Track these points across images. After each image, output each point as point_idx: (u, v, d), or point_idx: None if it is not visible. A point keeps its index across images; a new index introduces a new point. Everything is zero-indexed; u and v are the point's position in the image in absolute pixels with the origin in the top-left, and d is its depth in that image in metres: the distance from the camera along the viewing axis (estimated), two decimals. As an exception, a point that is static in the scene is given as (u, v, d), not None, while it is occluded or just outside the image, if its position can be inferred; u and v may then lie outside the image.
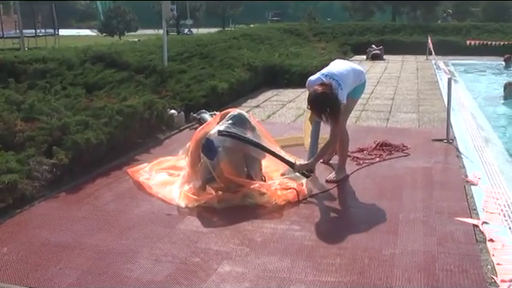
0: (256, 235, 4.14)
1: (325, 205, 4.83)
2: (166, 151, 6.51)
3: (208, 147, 4.82)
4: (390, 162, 6.12)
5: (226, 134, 4.83)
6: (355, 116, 8.82)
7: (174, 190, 5.05)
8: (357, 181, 5.43)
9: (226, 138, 4.82)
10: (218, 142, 4.79)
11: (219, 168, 4.78)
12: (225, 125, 4.92)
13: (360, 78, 5.28)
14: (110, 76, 8.44)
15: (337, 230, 4.22)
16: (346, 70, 5.16)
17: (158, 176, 5.47)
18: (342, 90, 4.90)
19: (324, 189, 5.18)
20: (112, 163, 6.06)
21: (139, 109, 6.94)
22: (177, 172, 5.48)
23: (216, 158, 4.77)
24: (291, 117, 8.83)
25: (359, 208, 4.71)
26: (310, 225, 4.36)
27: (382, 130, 7.73)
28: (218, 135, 4.82)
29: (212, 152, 4.79)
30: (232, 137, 4.83)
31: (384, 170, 5.78)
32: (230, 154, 4.82)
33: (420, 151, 6.47)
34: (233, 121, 4.97)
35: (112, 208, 4.77)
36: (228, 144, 4.81)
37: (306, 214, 4.61)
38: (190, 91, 9.04)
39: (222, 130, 4.86)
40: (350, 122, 8.33)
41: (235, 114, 5.04)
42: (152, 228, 4.30)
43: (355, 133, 7.52)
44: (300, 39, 19.86)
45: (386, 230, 4.18)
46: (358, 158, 6.17)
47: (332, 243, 3.97)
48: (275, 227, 4.29)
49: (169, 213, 4.63)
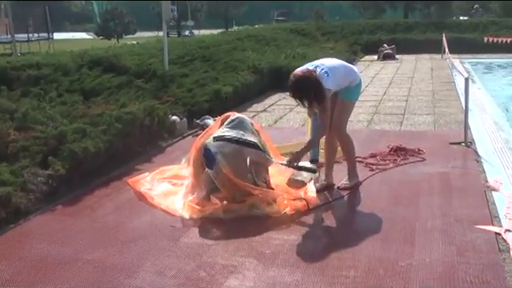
0: (264, 247, 4.14)
1: (337, 213, 4.82)
2: (168, 160, 6.52)
3: (206, 156, 4.84)
4: (404, 167, 6.11)
5: (221, 138, 4.84)
6: (367, 120, 8.82)
7: (177, 200, 5.05)
8: (370, 188, 5.43)
9: (222, 143, 4.82)
10: (214, 149, 4.80)
11: (221, 176, 4.79)
12: (221, 130, 4.94)
13: (352, 76, 5.22)
14: (107, 81, 8.48)
15: (350, 240, 4.21)
16: (337, 64, 5.18)
17: (160, 186, 5.48)
18: (329, 76, 4.89)
19: (335, 196, 5.19)
20: (111, 173, 6.07)
21: (139, 115, 6.96)
22: (180, 181, 5.48)
23: (215, 166, 4.78)
24: (299, 121, 8.83)
25: (373, 216, 4.70)
26: (321, 235, 4.36)
27: (395, 134, 7.72)
28: (214, 141, 4.84)
29: (211, 161, 4.80)
30: (228, 141, 4.84)
31: (399, 176, 5.77)
32: (231, 160, 4.80)
33: (436, 155, 6.45)
34: (231, 125, 4.98)
35: (112, 220, 4.77)
36: (226, 150, 4.81)
37: (317, 223, 4.61)
38: (193, 96, 9.08)
39: (216, 135, 4.87)
40: (362, 126, 8.41)
41: (233, 118, 5.06)
42: (155, 241, 4.30)
43: (367, 137, 7.54)
44: (307, 39, 19.91)
45: (402, 240, 4.17)
46: (371, 164, 6.16)
47: (345, 254, 3.96)
48: (285, 238, 4.29)
49: (172, 225, 4.63)
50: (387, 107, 9.93)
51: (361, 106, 10.16)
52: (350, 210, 4.92)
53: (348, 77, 5.17)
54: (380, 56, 19.32)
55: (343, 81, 5.12)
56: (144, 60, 10.17)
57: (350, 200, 5.15)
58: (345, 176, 5.53)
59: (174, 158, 6.44)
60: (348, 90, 5.20)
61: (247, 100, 10.78)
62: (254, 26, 23.75)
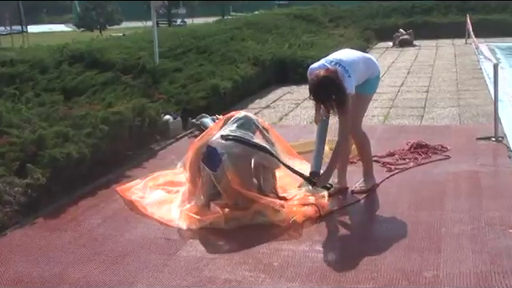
0: (272, 259, 4.14)
1: (352, 220, 4.82)
2: (161, 164, 6.53)
3: (210, 156, 4.84)
4: (427, 166, 6.10)
5: (231, 138, 4.84)
6: (382, 114, 8.82)
7: (173, 209, 5.05)
8: (389, 190, 5.42)
9: (230, 143, 4.83)
10: (221, 149, 4.80)
11: (225, 180, 4.79)
12: (229, 128, 4.95)
13: (372, 69, 5.21)
14: (91, 78, 8.49)
15: (368, 249, 4.21)
16: (357, 57, 5.14)
17: (154, 194, 5.48)
18: (350, 77, 4.84)
19: (350, 201, 5.18)
20: (98, 181, 6.08)
21: (128, 116, 6.97)
22: (175, 188, 5.48)
23: (220, 167, 4.78)
24: (307, 118, 8.83)
25: (393, 222, 4.70)
26: (335, 244, 4.36)
27: (415, 130, 7.71)
28: (222, 140, 4.84)
29: (215, 161, 4.80)
30: (238, 141, 4.84)
31: (420, 177, 5.77)
32: (237, 162, 4.82)
33: (463, 152, 6.45)
34: (238, 124, 4.99)
35: (100, 234, 4.77)
36: (234, 150, 4.82)
37: (330, 232, 4.61)
38: (187, 93, 9.08)
39: (225, 134, 4.88)
40: (377, 122, 8.41)
41: (240, 117, 5.06)
42: (148, 256, 4.30)
43: (383, 134, 7.54)
44: (313, 26, 19.90)
45: (426, 248, 4.16)
46: (389, 164, 6.16)
47: (363, 265, 3.95)
48: (294, 249, 4.29)
49: (168, 237, 4.63)
50: (405, 99, 9.92)
51: (376, 98, 10.09)
52: (366, 216, 4.92)
53: (368, 70, 5.14)
54: (396, 42, 19.31)
55: (363, 75, 5.10)
56: (132, 54, 10.18)
57: (366, 205, 5.15)
58: (360, 178, 5.52)
59: (169, 163, 6.44)
60: (366, 83, 5.17)
61: (248, 96, 10.78)
62: (254, 13, 23.77)
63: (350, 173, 5.57)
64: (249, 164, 4.93)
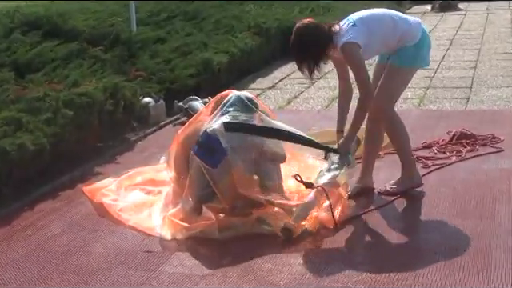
0: (278, 277, 4.14)
1: (378, 230, 4.82)
2: (139, 159, 6.53)
3: (210, 148, 4.85)
4: (473, 161, 6.11)
5: (235, 126, 4.88)
6: (417, 96, 8.81)
7: (155, 214, 5.07)
8: (425, 190, 5.41)
9: (237, 134, 4.86)
10: (226, 141, 4.82)
11: (227, 180, 4.82)
12: (229, 114, 4.96)
13: (408, 29, 5.12)
14: (50, 51, 8.48)
15: (398, 265, 4.20)
16: (379, 12, 5.17)
17: (130, 196, 5.50)
18: (356, 26, 4.95)
19: (376, 204, 5.19)
20: (60, 179, 6.10)
21: (98, 98, 6.97)
22: (157, 189, 5.49)
23: (223, 164, 4.79)
24: (322, 101, 8.82)
25: (430, 232, 4.69)
26: (357, 259, 4.35)
27: (459, 115, 7.71)
28: (226, 130, 4.85)
29: (216, 156, 4.82)
30: (245, 130, 4.89)
31: (465, 175, 5.77)
32: (244, 158, 4.86)
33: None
34: (234, 107, 5.01)
35: (63, 244, 4.78)
36: (240, 143, 4.86)
37: (351, 243, 4.61)
38: (172, 69, 9.08)
39: (228, 121, 4.90)
40: (411, 106, 8.39)
41: (234, 98, 5.09)
42: (124, 272, 4.31)
43: (419, 121, 7.53)
44: (331, -15, 19.82)
45: (472, 264, 4.16)
46: (425, 159, 6.15)
47: (393, 285, 3.95)
48: (306, 264, 4.29)
49: (148, 249, 4.64)
50: (447, 78, 9.89)
51: (410, 77, 10.13)
52: (396, 224, 4.90)
53: (398, 30, 5.08)
54: (436, 6, 19.26)
55: (390, 36, 5.08)
56: (102, 20, 10.16)
57: (395, 210, 5.14)
58: (387, 175, 5.54)
59: (149, 157, 6.43)
60: (401, 51, 5.13)
61: (248, 73, 10.78)
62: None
63: (375, 169, 5.56)
64: (252, 158, 4.96)
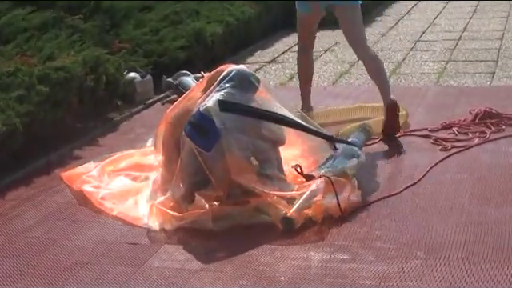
0: (278, 271, 4.15)
1: (390, 219, 4.83)
2: (124, 141, 6.55)
3: (203, 129, 4.85)
4: (498, 144, 6.12)
5: (232, 106, 4.88)
6: (436, 71, 8.81)
7: (141, 203, 5.09)
8: (443, 177, 5.44)
9: (233, 115, 4.87)
10: (220, 121, 4.82)
11: (221, 165, 4.82)
12: (224, 91, 4.96)
13: None
14: (22, 19, 8.39)
15: (412, 258, 4.21)
16: None
17: (114, 182, 5.51)
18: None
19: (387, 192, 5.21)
20: (35, 164, 6.11)
21: (77, 72, 6.94)
22: (144, 174, 5.52)
23: (217, 147, 4.79)
24: (329, 76, 8.83)
25: (448, 222, 4.70)
26: (367, 252, 4.36)
27: (483, 92, 7.72)
28: (221, 110, 4.86)
29: (210, 137, 4.82)
30: (242, 111, 4.90)
31: (489, 158, 5.79)
32: (239, 141, 4.86)
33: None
34: (232, 84, 5.01)
35: (38, 237, 4.79)
36: (235, 124, 4.86)
37: (360, 234, 4.62)
38: (161, 41, 9.05)
39: (224, 99, 4.90)
40: (428, 81, 8.40)
41: (234, 73, 5.07)
42: (107, 267, 4.31)
43: (437, 98, 7.55)
44: None
45: (495, 257, 4.17)
46: (445, 140, 6.17)
47: (408, 281, 3.96)
48: (309, 257, 4.31)
49: (134, 241, 4.66)
50: (469, 50, 9.88)
51: (426, 49, 10.14)
52: (409, 214, 4.92)
53: None
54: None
55: None
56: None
57: (409, 198, 5.15)
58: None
59: (135, 139, 6.44)
60: None
61: (246, 45, 10.77)
62: None
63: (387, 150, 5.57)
64: (249, 142, 4.97)
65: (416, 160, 5.82)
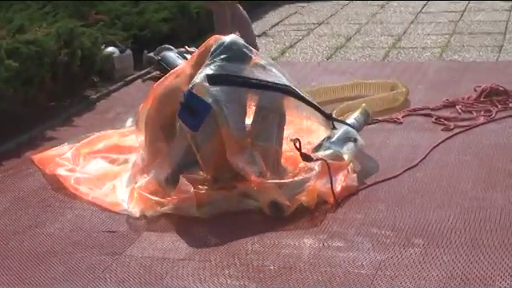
0: (267, 260, 4.17)
1: (388, 204, 4.87)
2: (101, 121, 6.57)
3: (191, 108, 4.87)
4: (505, 123, 6.17)
5: (222, 78, 4.90)
6: (439, 45, 8.83)
7: (120, 187, 5.11)
8: (445, 159, 5.48)
9: (224, 88, 4.88)
10: (210, 96, 4.83)
11: (210, 145, 4.86)
12: (216, 64, 4.98)
13: None
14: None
15: (411, 246, 4.25)
16: None
17: (90, 165, 5.52)
18: None
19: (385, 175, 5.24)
20: (3, 146, 6.12)
21: (50, 46, 6.94)
22: (123, 156, 5.54)
23: (205, 126, 4.82)
24: (323, 51, 8.85)
25: (451, 207, 4.73)
26: (363, 240, 4.39)
27: (489, 68, 7.77)
28: (209, 84, 4.87)
29: (198, 116, 4.83)
30: (233, 82, 4.92)
31: (495, 139, 5.83)
32: (234, 116, 4.87)
33: None
34: (223, 56, 5.03)
35: (8, 224, 4.81)
36: (229, 97, 4.88)
37: (356, 220, 4.65)
38: (141, 12, 9.04)
39: (211, 73, 4.92)
40: (431, 56, 8.42)
41: (226, 44, 5.10)
42: (82, 256, 4.33)
43: (439, 74, 7.59)
44: None
45: (499, 245, 4.20)
46: (447, 119, 6.21)
47: (404, 270, 3.98)
48: (301, 245, 4.33)
49: (111, 228, 4.68)
50: (475, 22, 9.92)
51: (430, 21, 10.12)
52: (409, 198, 4.95)
53: None
54: None
55: None
56: None
57: (409, 181, 5.19)
58: (402, 139, 5.66)
59: (113, 118, 6.45)
60: None
61: (234, 17, 10.72)
62: None
63: (391, 131, 5.67)
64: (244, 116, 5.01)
65: (416, 141, 5.86)
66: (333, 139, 5.26)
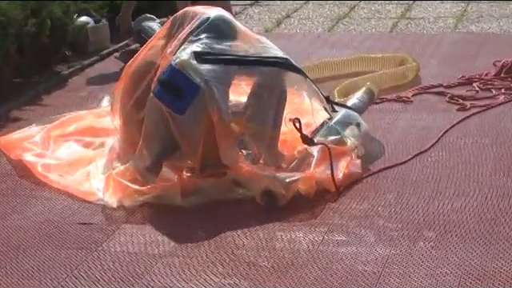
0: (260, 256, 4.18)
1: (396, 193, 4.89)
2: (74, 100, 6.60)
3: (175, 88, 4.86)
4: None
5: (211, 56, 4.90)
6: (454, 14, 8.84)
7: (95, 174, 5.11)
8: (461, 142, 5.52)
9: (215, 67, 4.88)
10: (198, 75, 4.82)
11: (199, 129, 4.86)
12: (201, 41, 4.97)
13: None
14: None
15: (421, 239, 4.26)
16: None
17: (61, 149, 5.53)
18: None
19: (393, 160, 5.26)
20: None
21: (15, 15, 6.92)
22: (98, 140, 5.55)
23: (193, 108, 4.82)
24: (324, 21, 8.86)
25: (466, 196, 4.74)
26: (367, 233, 4.42)
27: (510, 40, 7.81)
28: (198, 62, 4.86)
29: (184, 97, 4.83)
30: (224, 60, 4.92)
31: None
32: (225, 100, 4.89)
33: None
34: (209, 34, 5.02)
35: (-33, 216, 4.81)
36: (220, 75, 4.88)
37: (360, 211, 4.67)
38: (118, -23, 9.02)
39: (199, 50, 4.91)
40: (444, 27, 8.43)
41: (211, 20, 5.09)
42: (52, 252, 4.33)
43: (455, 47, 7.63)
44: None
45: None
46: (462, 98, 6.25)
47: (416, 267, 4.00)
48: (298, 239, 4.34)
49: (85, 220, 4.68)
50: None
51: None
52: (418, 187, 4.97)
53: None
54: None
55: None
56: None
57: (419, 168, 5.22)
58: (412, 119, 5.68)
59: (87, 97, 6.46)
60: None
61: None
62: None
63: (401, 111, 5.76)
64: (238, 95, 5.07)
65: (428, 122, 5.90)
66: (331, 123, 5.25)
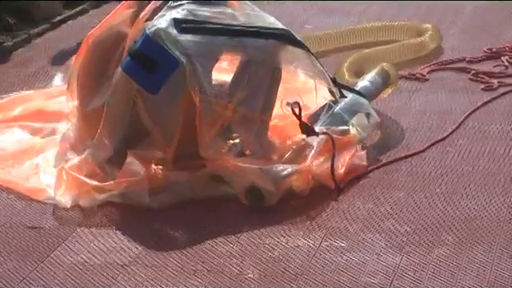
0: (245, 265, 4.16)
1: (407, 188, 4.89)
2: (20, 77, 6.59)
3: (150, 61, 4.84)
4: None
5: (194, 25, 4.91)
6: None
7: (44, 167, 5.10)
8: (486, 129, 5.52)
9: (195, 36, 4.89)
10: (179, 47, 4.80)
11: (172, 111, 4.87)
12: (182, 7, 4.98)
13: None
14: None
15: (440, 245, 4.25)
16: None
17: (4, 137, 5.53)
18: None
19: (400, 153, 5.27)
20: None
21: None
22: (49, 125, 5.53)
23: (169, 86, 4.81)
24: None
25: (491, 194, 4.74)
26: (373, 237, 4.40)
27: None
28: (178, 31, 4.85)
29: (159, 73, 4.82)
30: (209, 30, 4.93)
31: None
32: (209, 79, 4.89)
33: None
34: None
35: None
36: (204, 47, 4.89)
37: (364, 211, 4.66)
38: None
39: (181, 17, 4.91)
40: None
41: None
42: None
43: (479, 16, 7.62)
44: None
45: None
46: (488, 75, 6.23)
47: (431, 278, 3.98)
48: (290, 245, 4.32)
49: (33, 224, 4.66)
50: None
51: None
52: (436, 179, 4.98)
53: None
54: None
55: None
56: None
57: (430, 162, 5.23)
58: (426, 101, 5.75)
59: (36, 74, 6.46)
60: None
61: None
62: None
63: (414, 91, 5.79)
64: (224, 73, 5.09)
65: (447, 104, 5.90)
66: (336, 108, 5.23)
